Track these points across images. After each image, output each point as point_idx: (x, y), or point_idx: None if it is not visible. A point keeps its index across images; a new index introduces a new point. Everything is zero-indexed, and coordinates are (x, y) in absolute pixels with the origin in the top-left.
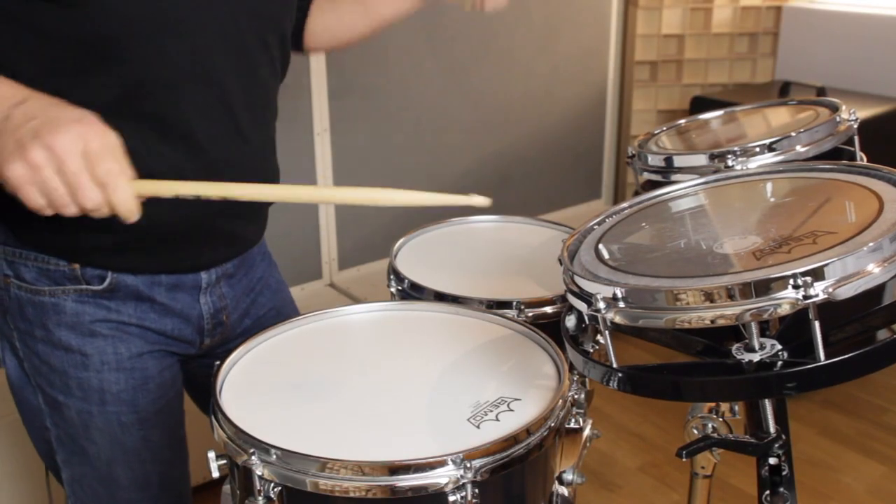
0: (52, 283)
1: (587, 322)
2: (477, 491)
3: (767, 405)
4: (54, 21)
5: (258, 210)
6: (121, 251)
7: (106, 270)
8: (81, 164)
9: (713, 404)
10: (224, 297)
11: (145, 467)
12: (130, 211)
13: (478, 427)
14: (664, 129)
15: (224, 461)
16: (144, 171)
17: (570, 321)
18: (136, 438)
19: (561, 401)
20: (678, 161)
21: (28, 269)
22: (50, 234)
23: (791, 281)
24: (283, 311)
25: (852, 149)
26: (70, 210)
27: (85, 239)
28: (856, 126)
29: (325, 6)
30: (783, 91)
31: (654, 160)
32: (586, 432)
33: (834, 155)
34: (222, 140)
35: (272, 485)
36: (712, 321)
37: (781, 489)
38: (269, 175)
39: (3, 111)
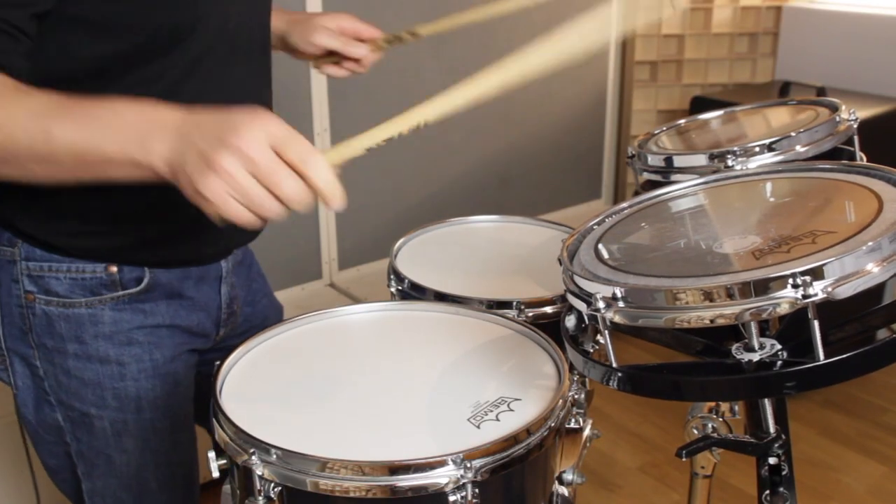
0: (88, 293)
1: (587, 322)
2: (477, 491)
3: (767, 405)
4: (124, 15)
5: None
6: (160, 243)
7: (143, 269)
8: (272, 156)
9: (713, 404)
10: (235, 286)
11: (173, 469)
12: (335, 188)
13: (478, 427)
14: (664, 129)
15: (224, 461)
16: None
17: (570, 321)
18: (167, 443)
19: (561, 401)
20: (678, 161)
21: (59, 282)
22: (86, 236)
23: (790, 280)
24: (272, 301)
25: (852, 149)
26: (274, 210)
27: (126, 235)
28: (856, 126)
29: None
30: (783, 91)
31: (654, 160)
32: (586, 432)
33: (834, 155)
34: None
35: (272, 485)
36: (712, 321)
37: (781, 489)
38: None
39: (176, 132)
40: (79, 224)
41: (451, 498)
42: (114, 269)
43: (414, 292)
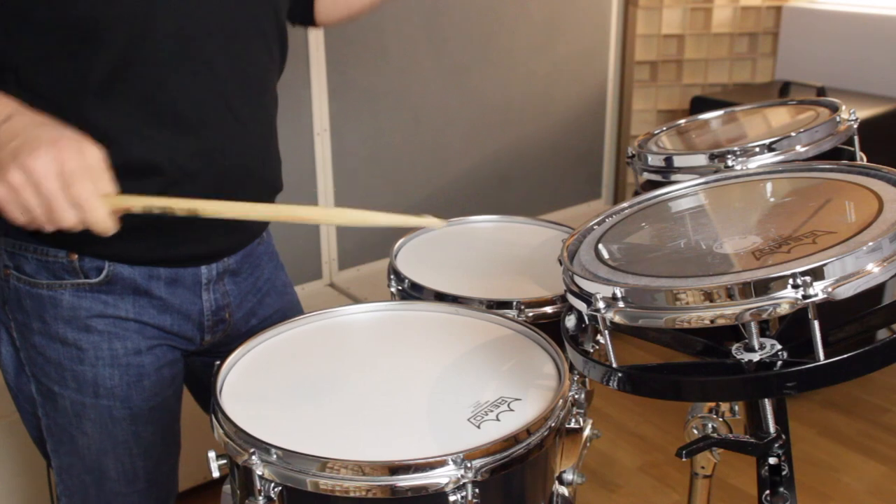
0: (51, 276)
1: (587, 322)
2: (477, 491)
3: (767, 405)
4: (41, 6)
5: (257, 197)
6: (119, 237)
7: (103, 261)
8: (57, 185)
9: (713, 404)
10: (227, 295)
11: (134, 461)
12: (106, 227)
13: (478, 427)
14: (664, 129)
15: (224, 461)
16: (137, 153)
17: (570, 321)
18: (127, 433)
19: (561, 401)
20: (678, 161)
21: (28, 262)
22: None
23: (790, 280)
24: (289, 315)
25: (852, 149)
26: (49, 228)
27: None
28: (856, 126)
29: None
30: (783, 91)
31: (654, 160)
32: (586, 432)
33: (834, 155)
34: (214, 122)
35: (272, 484)
36: (712, 321)
37: (781, 489)
38: (270, 161)
39: None
40: None
41: (452, 498)
42: (74, 256)
43: (414, 292)
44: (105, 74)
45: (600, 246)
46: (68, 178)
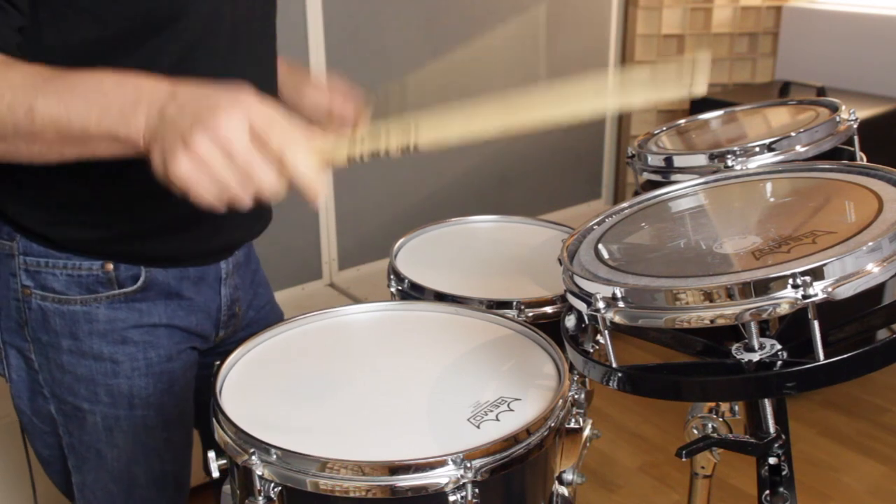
0: (84, 290)
1: (587, 322)
2: (477, 491)
3: (767, 405)
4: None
5: None
6: (156, 234)
7: (139, 267)
8: (249, 144)
9: (713, 404)
10: (237, 288)
11: (164, 467)
12: (314, 181)
13: (478, 427)
14: (664, 129)
15: (224, 461)
16: None
17: (570, 321)
18: (158, 440)
19: (561, 401)
20: (678, 161)
21: (56, 279)
22: (81, 228)
23: (790, 280)
24: (275, 308)
25: (852, 149)
26: (245, 200)
27: (120, 226)
28: (856, 126)
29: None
30: (783, 91)
31: (654, 160)
32: (586, 432)
33: (834, 155)
34: None
35: (272, 485)
36: (712, 321)
37: (781, 489)
38: None
39: (156, 107)
40: (70, 213)
41: (451, 498)
42: (110, 266)
43: (414, 292)
44: (165, 68)
45: (600, 246)
46: (260, 132)
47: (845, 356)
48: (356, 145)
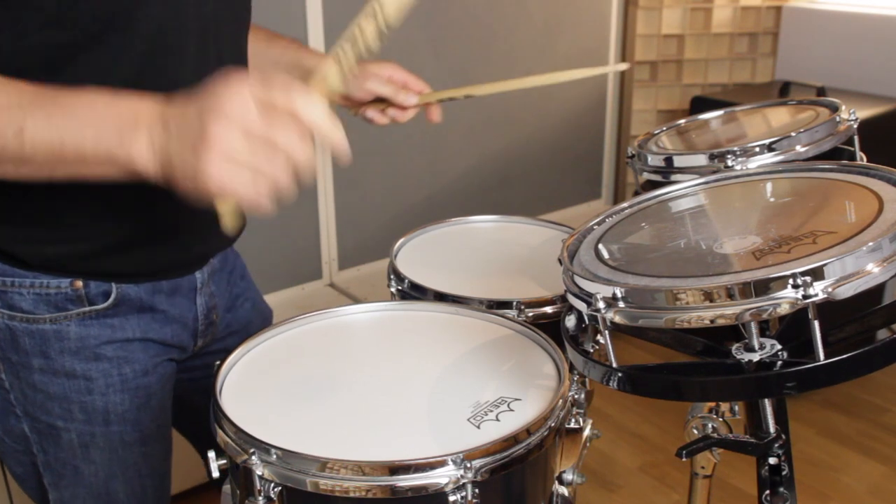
0: (54, 308)
1: (587, 322)
2: (477, 491)
3: (767, 405)
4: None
5: None
6: (127, 249)
7: (109, 284)
8: (261, 112)
9: (713, 404)
10: (213, 296)
11: (143, 481)
12: (332, 129)
13: (478, 427)
14: (664, 129)
15: (224, 461)
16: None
17: (570, 321)
18: (136, 455)
19: (561, 401)
20: (678, 161)
21: (24, 298)
22: (49, 245)
23: (790, 281)
24: (259, 305)
25: (852, 149)
26: (283, 178)
27: (89, 242)
28: (856, 126)
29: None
30: (783, 91)
31: (654, 160)
32: (586, 432)
33: (834, 155)
34: None
35: (272, 485)
36: (712, 321)
37: (781, 489)
38: None
39: (158, 123)
40: (37, 229)
41: (451, 498)
42: (79, 283)
43: (414, 292)
44: (127, 72)
45: (600, 246)
46: (265, 98)
47: (845, 356)
48: (342, 60)
